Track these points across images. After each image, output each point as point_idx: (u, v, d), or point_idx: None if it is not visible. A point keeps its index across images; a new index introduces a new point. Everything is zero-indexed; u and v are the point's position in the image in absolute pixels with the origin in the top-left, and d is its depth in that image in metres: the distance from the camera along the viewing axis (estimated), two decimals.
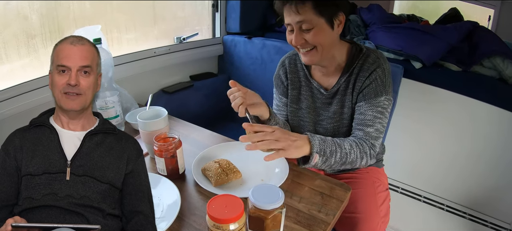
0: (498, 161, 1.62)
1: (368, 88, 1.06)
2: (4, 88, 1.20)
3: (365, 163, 1.05)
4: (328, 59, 1.09)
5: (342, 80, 1.11)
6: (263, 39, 1.91)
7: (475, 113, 1.60)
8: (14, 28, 1.23)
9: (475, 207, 1.75)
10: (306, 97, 1.21)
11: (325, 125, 1.20)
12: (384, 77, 1.06)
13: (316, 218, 0.86)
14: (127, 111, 1.40)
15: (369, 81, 1.06)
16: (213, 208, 0.68)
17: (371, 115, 1.05)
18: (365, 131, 1.05)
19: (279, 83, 1.27)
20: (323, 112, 1.19)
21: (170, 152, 0.97)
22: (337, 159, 1.00)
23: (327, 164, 1.00)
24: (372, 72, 1.05)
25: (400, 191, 1.92)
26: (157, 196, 0.93)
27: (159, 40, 1.80)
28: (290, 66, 1.23)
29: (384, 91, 1.06)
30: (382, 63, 1.07)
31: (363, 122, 1.06)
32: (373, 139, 1.06)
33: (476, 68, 1.67)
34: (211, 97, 2.01)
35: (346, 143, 1.02)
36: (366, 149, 1.03)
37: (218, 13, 2.05)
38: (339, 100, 1.14)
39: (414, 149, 1.82)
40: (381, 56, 1.09)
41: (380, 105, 1.06)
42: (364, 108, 1.07)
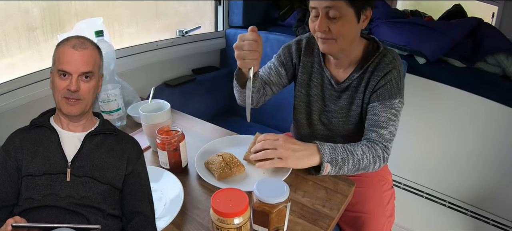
0: (500, 158, 1.62)
1: (383, 88, 1.03)
2: (5, 81, 1.19)
3: (378, 167, 1.01)
4: (344, 53, 1.06)
5: (355, 76, 1.08)
6: (266, 33, 1.90)
7: (478, 109, 1.60)
8: (15, 21, 1.21)
9: (477, 203, 1.75)
10: (316, 84, 1.17)
11: (330, 117, 1.18)
12: (399, 80, 1.03)
13: (320, 213, 0.85)
14: (129, 104, 1.39)
15: (384, 81, 1.02)
16: (218, 201, 0.68)
17: (385, 117, 1.01)
18: (379, 133, 1.01)
19: (287, 54, 1.21)
20: (330, 105, 1.17)
21: (173, 145, 0.97)
22: (350, 166, 0.96)
23: (341, 173, 0.96)
24: (388, 73, 1.02)
25: (402, 187, 1.92)
26: (159, 190, 0.93)
27: (161, 34, 1.79)
28: (306, 48, 1.18)
29: (399, 94, 1.03)
30: (398, 65, 1.04)
31: (377, 123, 1.02)
32: (387, 142, 1.01)
33: (480, 64, 1.67)
34: (214, 91, 2.00)
35: (358, 149, 0.97)
36: (379, 153, 0.99)
37: (220, 6, 2.04)
38: (348, 97, 1.11)
39: (416, 145, 1.82)
40: (397, 57, 1.06)
41: (394, 108, 1.02)
42: (378, 110, 1.03)
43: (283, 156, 0.91)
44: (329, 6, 0.94)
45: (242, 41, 0.95)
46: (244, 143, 1.13)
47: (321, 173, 0.95)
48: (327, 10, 0.95)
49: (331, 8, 0.94)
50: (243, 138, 1.18)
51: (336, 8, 0.93)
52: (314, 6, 0.97)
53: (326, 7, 0.94)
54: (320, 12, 0.96)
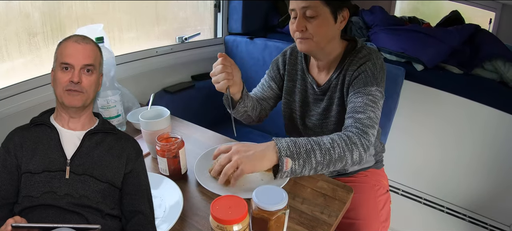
0: (498, 164, 1.63)
1: (357, 79, 1.01)
2: (5, 86, 1.19)
3: (358, 157, 0.90)
4: (323, 53, 1.08)
5: (334, 77, 1.10)
6: (265, 40, 1.91)
7: (476, 116, 1.61)
8: (15, 26, 1.22)
9: (475, 209, 1.76)
10: (300, 90, 1.21)
11: (314, 121, 1.20)
12: (375, 70, 1.01)
13: (319, 220, 0.86)
14: (128, 110, 1.39)
15: (357, 73, 1.02)
16: (217, 208, 0.68)
17: (361, 102, 0.96)
18: (355, 117, 0.95)
19: (275, 69, 1.27)
20: (314, 108, 1.19)
21: (173, 152, 0.97)
22: (319, 159, 0.87)
23: (309, 167, 0.88)
24: (361, 65, 1.02)
25: (400, 193, 1.92)
26: (159, 196, 0.93)
27: (161, 40, 1.80)
28: (290, 57, 1.23)
29: (375, 83, 0.99)
30: (374, 57, 1.03)
31: (353, 109, 0.97)
32: (365, 126, 0.92)
33: (478, 71, 1.68)
34: (213, 98, 2.00)
35: (325, 139, 0.90)
36: (354, 139, 0.90)
37: (220, 13, 2.05)
38: (329, 97, 1.13)
39: (414, 151, 1.82)
40: (373, 51, 1.05)
41: (371, 94, 0.97)
42: (353, 98, 1.00)
43: (237, 163, 0.86)
44: (305, 6, 0.98)
45: (214, 68, 1.00)
46: None
47: (282, 172, 0.86)
48: (304, 10, 0.99)
49: (307, 8, 0.98)
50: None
51: (312, 7, 0.98)
52: (292, 7, 1.02)
53: (303, 8, 0.99)
54: (298, 13, 1.01)
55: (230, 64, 1.00)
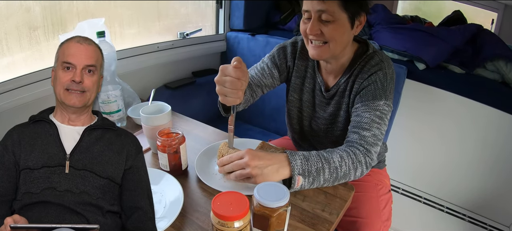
0: (498, 164, 1.62)
1: (366, 89, 0.98)
2: (5, 80, 1.19)
3: (360, 174, 0.93)
4: (335, 58, 1.03)
5: (342, 81, 1.06)
6: (267, 36, 1.90)
7: (477, 116, 1.61)
8: (16, 20, 1.21)
9: (475, 209, 1.76)
10: (308, 90, 1.16)
11: (319, 124, 1.17)
12: (385, 82, 0.98)
13: (320, 217, 0.85)
14: (129, 105, 1.39)
15: (367, 82, 0.98)
16: (218, 205, 0.68)
17: (368, 118, 0.95)
18: (360, 134, 0.94)
19: (282, 56, 1.17)
20: (320, 111, 1.15)
21: (173, 147, 0.97)
22: (326, 177, 0.89)
23: (316, 184, 0.89)
24: (372, 74, 0.98)
25: (400, 192, 1.92)
26: (159, 192, 0.92)
27: (162, 35, 1.79)
28: (301, 51, 1.14)
29: (384, 96, 0.97)
30: (385, 66, 0.99)
31: (359, 124, 0.95)
32: (369, 145, 0.93)
33: (479, 71, 1.68)
34: (214, 94, 1.98)
35: (335, 156, 0.90)
36: (360, 158, 0.91)
37: (222, 9, 2.04)
38: (336, 102, 1.09)
39: (415, 150, 1.82)
40: (385, 59, 1.01)
41: (379, 109, 0.96)
42: (360, 111, 0.97)
43: (251, 175, 0.87)
44: (322, 10, 0.92)
45: (224, 76, 0.85)
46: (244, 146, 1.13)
47: (293, 188, 0.88)
48: (320, 13, 0.93)
49: (324, 12, 0.92)
50: (243, 141, 1.18)
51: (330, 12, 0.91)
52: (306, 8, 0.95)
53: (319, 11, 0.92)
54: (313, 15, 0.94)
55: (243, 75, 0.84)
